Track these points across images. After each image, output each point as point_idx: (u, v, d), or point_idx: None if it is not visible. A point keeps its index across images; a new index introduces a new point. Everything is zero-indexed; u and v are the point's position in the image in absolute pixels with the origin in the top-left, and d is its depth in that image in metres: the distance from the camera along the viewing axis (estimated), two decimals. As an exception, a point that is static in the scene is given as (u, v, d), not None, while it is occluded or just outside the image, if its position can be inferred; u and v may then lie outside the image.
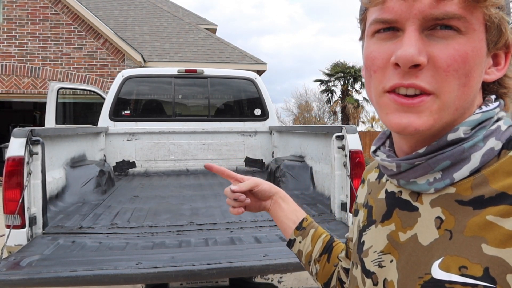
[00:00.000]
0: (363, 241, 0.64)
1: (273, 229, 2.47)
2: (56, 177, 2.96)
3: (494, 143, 0.50)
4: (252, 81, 4.83)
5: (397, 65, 0.50)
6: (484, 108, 0.53)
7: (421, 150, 0.52)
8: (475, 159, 0.50)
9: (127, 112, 4.66)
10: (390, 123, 0.52)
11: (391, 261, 0.57)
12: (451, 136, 0.51)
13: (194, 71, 4.76)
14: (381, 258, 0.58)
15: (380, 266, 0.58)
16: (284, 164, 3.72)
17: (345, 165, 2.60)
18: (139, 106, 4.85)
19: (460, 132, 0.51)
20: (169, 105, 4.83)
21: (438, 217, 0.51)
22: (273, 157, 4.71)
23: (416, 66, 0.49)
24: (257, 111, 4.88)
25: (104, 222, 2.59)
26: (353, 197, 2.54)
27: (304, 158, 3.74)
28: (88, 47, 10.44)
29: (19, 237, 2.26)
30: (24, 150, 2.30)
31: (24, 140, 2.32)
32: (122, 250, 2.14)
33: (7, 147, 2.39)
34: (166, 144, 4.66)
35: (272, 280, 2.13)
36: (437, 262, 0.49)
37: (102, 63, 10.49)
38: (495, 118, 0.53)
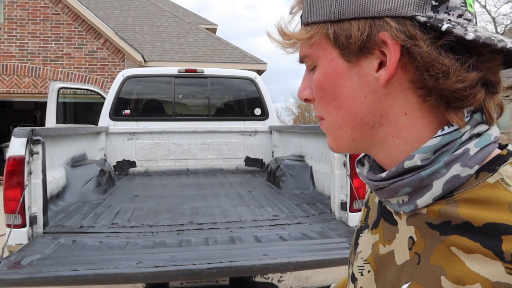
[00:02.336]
0: (358, 243, 0.64)
1: (273, 229, 2.48)
2: (56, 177, 2.96)
3: (459, 170, 0.45)
4: (252, 80, 4.84)
5: None
6: (446, 130, 0.46)
7: (383, 174, 0.50)
8: (437, 187, 0.46)
9: (128, 111, 4.67)
10: None
11: (369, 271, 0.57)
12: (407, 164, 0.47)
13: (194, 70, 4.76)
14: (363, 266, 0.59)
15: (362, 274, 0.59)
16: (284, 163, 3.72)
17: (345, 165, 2.61)
18: (140, 105, 4.86)
19: (417, 160, 0.47)
20: (169, 104, 4.84)
21: (411, 237, 0.49)
22: (273, 156, 4.71)
23: (308, 100, 0.55)
24: (257, 111, 4.88)
25: (105, 222, 2.59)
26: (352, 196, 2.55)
27: (304, 158, 3.74)
28: (88, 47, 10.45)
29: (20, 236, 2.27)
30: (24, 150, 2.31)
31: (24, 140, 2.32)
32: (123, 249, 2.15)
33: (8, 146, 2.40)
34: (167, 144, 4.67)
35: (272, 280, 2.13)
36: (405, 286, 0.47)
37: (102, 62, 10.50)
38: (466, 137, 0.46)
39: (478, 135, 0.47)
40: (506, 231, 0.39)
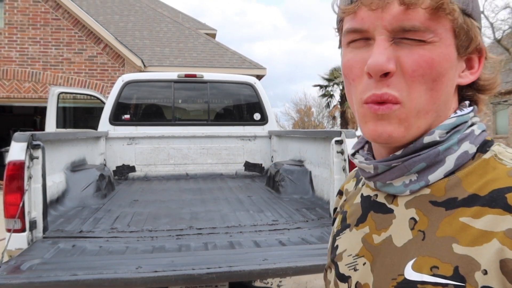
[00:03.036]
0: (337, 245, 0.65)
1: (272, 233, 2.48)
2: (56, 181, 2.97)
3: (468, 147, 0.52)
4: (251, 85, 4.85)
5: (369, 74, 0.51)
6: (459, 113, 0.54)
7: (398, 153, 0.54)
8: (450, 162, 0.52)
9: (127, 116, 4.67)
10: (367, 131, 0.53)
11: (364, 263, 0.58)
12: (427, 139, 0.52)
13: (194, 75, 4.78)
14: (355, 261, 0.59)
15: (355, 269, 0.59)
16: (284, 168, 3.73)
17: (344, 170, 2.61)
18: (139, 110, 4.87)
19: (436, 135, 0.52)
20: (169, 109, 4.85)
21: (412, 218, 0.52)
22: (272, 161, 4.72)
23: (387, 74, 0.50)
24: (257, 116, 4.89)
25: (104, 226, 2.60)
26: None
27: (303, 163, 3.75)
28: (88, 52, 10.48)
29: (20, 241, 2.27)
30: (24, 155, 2.31)
31: (24, 145, 2.33)
32: (122, 254, 2.15)
33: (7, 151, 2.40)
34: (166, 149, 4.67)
35: (271, 284, 2.14)
36: (410, 263, 0.50)
37: (102, 67, 10.52)
38: (469, 122, 0.54)
39: (474, 123, 0.55)
40: (509, 190, 0.46)
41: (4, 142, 11.06)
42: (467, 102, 0.57)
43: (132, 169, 4.58)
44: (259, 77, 11.27)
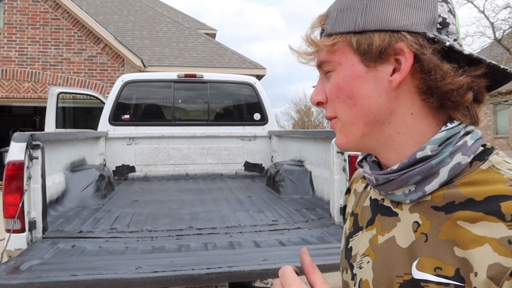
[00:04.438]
0: (351, 247, 0.70)
1: (272, 234, 2.48)
2: (56, 182, 2.96)
3: (460, 158, 0.55)
4: (251, 85, 4.85)
5: None
6: (449, 126, 0.57)
7: (395, 167, 0.58)
8: (443, 174, 0.55)
9: (127, 116, 4.67)
10: None
11: (368, 262, 0.63)
12: (419, 154, 0.56)
13: (194, 75, 4.77)
14: (361, 260, 0.65)
15: (360, 267, 0.64)
16: (284, 168, 3.73)
17: (344, 170, 2.61)
18: (139, 110, 4.87)
19: (428, 150, 0.56)
20: (169, 109, 4.85)
21: (416, 222, 0.57)
22: (272, 161, 4.71)
23: (321, 103, 0.63)
24: (257, 116, 4.89)
25: (104, 227, 2.59)
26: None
27: (303, 163, 3.75)
28: (88, 52, 10.47)
29: (19, 241, 2.26)
30: (24, 155, 2.31)
31: (24, 145, 2.32)
32: (122, 254, 2.14)
33: (7, 151, 2.40)
34: (166, 149, 4.67)
35: (271, 285, 2.13)
36: (415, 262, 0.54)
37: (102, 67, 10.52)
38: (462, 133, 0.57)
39: (468, 132, 0.57)
40: (504, 198, 0.49)
41: (3, 142, 11.06)
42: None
43: (132, 169, 4.58)
44: (259, 77, 11.27)
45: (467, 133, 0.57)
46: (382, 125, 0.59)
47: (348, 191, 0.81)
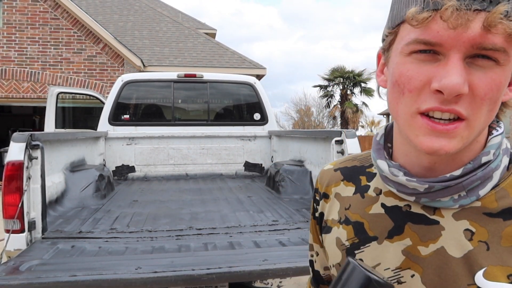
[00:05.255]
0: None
1: (272, 234, 2.47)
2: (55, 182, 2.96)
3: (506, 161, 0.56)
4: (251, 85, 4.84)
5: (438, 91, 0.50)
6: (500, 130, 0.57)
7: (457, 173, 0.54)
8: (496, 177, 0.55)
9: (127, 116, 4.67)
10: (421, 145, 0.52)
11: (412, 276, 0.57)
12: (484, 159, 0.54)
13: (194, 75, 4.77)
14: (399, 274, 0.58)
15: (399, 282, 0.58)
16: (284, 168, 3.72)
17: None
18: (139, 110, 4.86)
19: (491, 155, 0.55)
20: (169, 109, 4.84)
21: (467, 229, 0.54)
22: (272, 161, 4.71)
23: (460, 96, 0.49)
24: (257, 116, 4.89)
25: (104, 227, 2.59)
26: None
27: (303, 163, 3.74)
28: (87, 52, 10.46)
29: (19, 241, 2.26)
30: (23, 155, 2.31)
31: (23, 145, 2.32)
32: (122, 254, 2.14)
33: (6, 151, 2.39)
34: (166, 149, 4.67)
35: (271, 285, 2.13)
36: (480, 272, 0.52)
37: (101, 67, 10.51)
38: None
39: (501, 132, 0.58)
40: None
41: (3, 143, 11.05)
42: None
43: (132, 169, 4.57)
44: (259, 77, 11.27)
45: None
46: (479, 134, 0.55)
47: (324, 195, 0.72)
